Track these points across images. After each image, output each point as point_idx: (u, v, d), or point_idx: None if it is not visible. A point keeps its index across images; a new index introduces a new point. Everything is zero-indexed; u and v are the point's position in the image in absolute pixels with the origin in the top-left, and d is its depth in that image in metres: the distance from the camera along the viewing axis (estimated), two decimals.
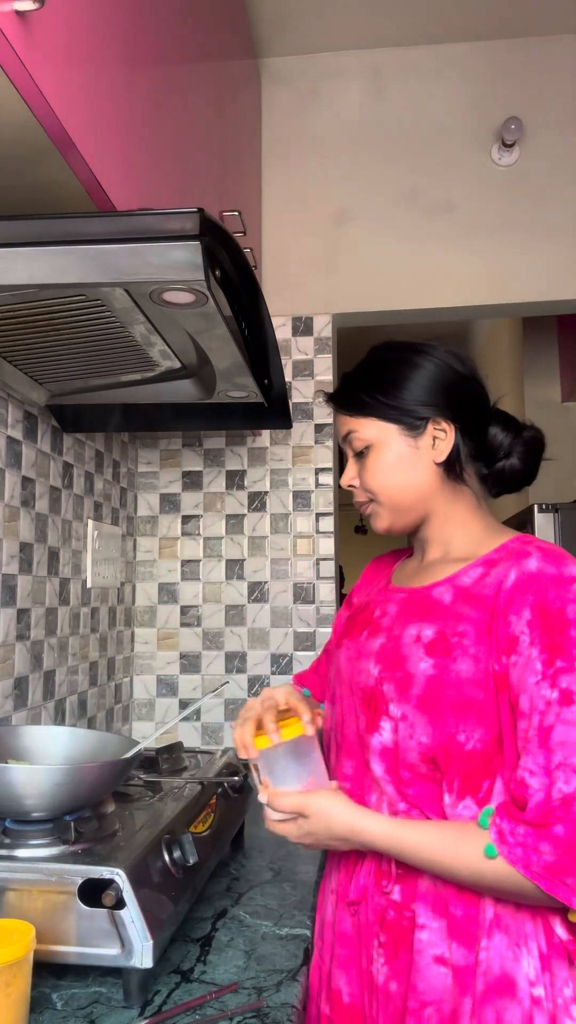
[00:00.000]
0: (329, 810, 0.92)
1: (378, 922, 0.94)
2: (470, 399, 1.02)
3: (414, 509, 1.02)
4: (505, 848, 0.81)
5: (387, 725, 0.93)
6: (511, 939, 0.86)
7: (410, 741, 0.91)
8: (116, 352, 1.16)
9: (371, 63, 2.16)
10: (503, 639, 0.87)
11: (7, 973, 0.76)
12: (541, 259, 2.05)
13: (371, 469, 1.02)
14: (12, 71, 0.73)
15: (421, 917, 0.89)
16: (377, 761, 0.94)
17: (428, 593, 0.99)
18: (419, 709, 0.90)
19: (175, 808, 1.12)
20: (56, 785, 0.94)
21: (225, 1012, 0.87)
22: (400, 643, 0.96)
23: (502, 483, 1.05)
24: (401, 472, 1.01)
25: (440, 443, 1.00)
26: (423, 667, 0.92)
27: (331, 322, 2.10)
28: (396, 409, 1.00)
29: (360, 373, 1.05)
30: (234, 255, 0.96)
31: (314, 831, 0.92)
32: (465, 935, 0.87)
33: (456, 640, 0.91)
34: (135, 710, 2.07)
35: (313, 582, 2.05)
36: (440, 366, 1.01)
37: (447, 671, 0.90)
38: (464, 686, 0.88)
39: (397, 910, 0.92)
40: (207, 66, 1.47)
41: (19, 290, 0.92)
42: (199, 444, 2.12)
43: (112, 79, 0.96)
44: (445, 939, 0.88)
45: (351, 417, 1.03)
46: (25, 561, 1.45)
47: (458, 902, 0.88)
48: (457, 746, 0.88)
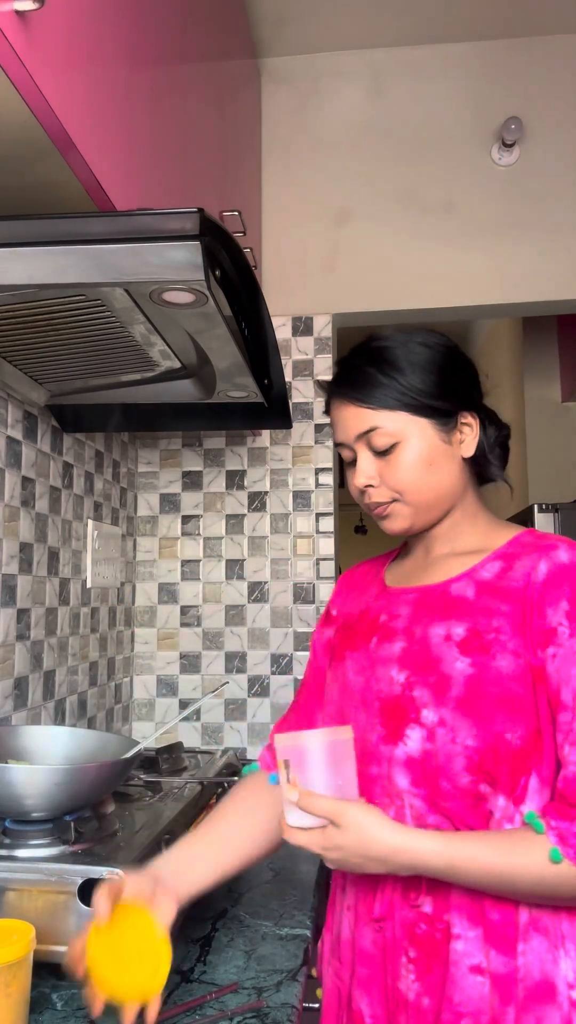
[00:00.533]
0: (367, 826, 0.82)
1: (407, 937, 0.88)
2: (480, 390, 1.00)
3: (440, 507, 0.97)
4: (570, 850, 0.78)
5: (416, 733, 0.87)
6: (550, 941, 0.83)
7: (453, 746, 0.85)
8: (116, 352, 1.16)
9: (371, 63, 2.16)
10: (539, 632, 0.85)
11: (7, 973, 0.76)
12: (541, 259, 2.05)
13: (401, 467, 0.94)
14: (12, 71, 0.73)
15: (456, 927, 0.85)
16: (402, 772, 0.88)
17: (445, 590, 0.94)
18: (460, 711, 0.85)
19: (175, 808, 1.12)
20: (56, 785, 0.94)
21: (225, 1012, 0.87)
22: (428, 644, 0.91)
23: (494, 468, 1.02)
24: (436, 470, 0.95)
25: (467, 437, 0.96)
26: (460, 667, 0.87)
27: (331, 322, 2.10)
28: (431, 401, 0.93)
29: (377, 359, 0.95)
30: (234, 255, 0.96)
31: (344, 845, 0.83)
32: (503, 940, 0.84)
33: (492, 636, 0.87)
34: (135, 710, 2.07)
35: (313, 582, 2.05)
36: (456, 353, 0.98)
37: (487, 669, 0.86)
38: (506, 682, 0.85)
39: (428, 923, 0.87)
40: (207, 66, 1.47)
41: (19, 290, 0.92)
42: (199, 444, 2.12)
43: (112, 79, 0.96)
44: (481, 947, 0.84)
45: (372, 410, 0.94)
46: (25, 561, 1.45)
47: (494, 907, 0.84)
48: (506, 745, 0.84)
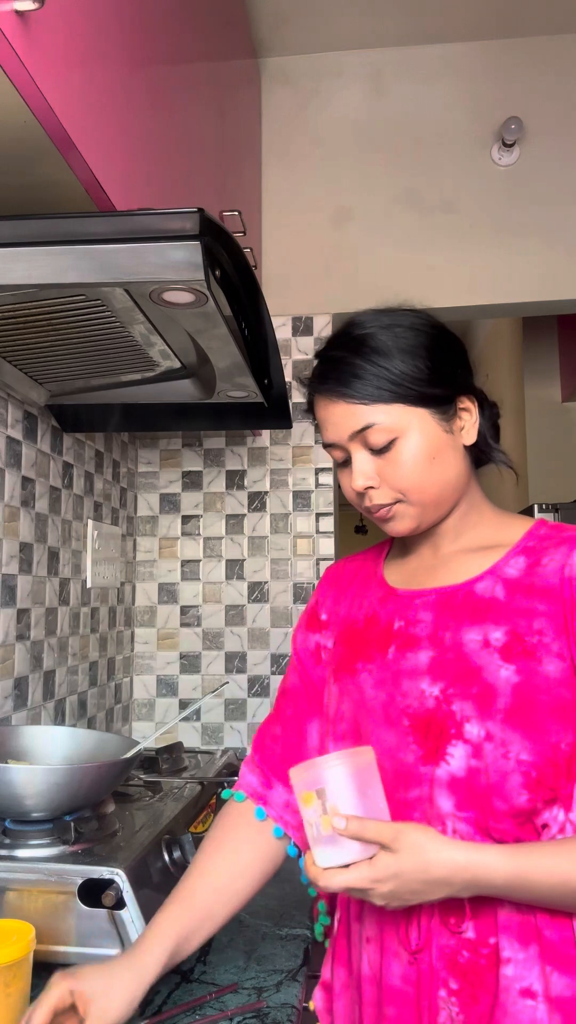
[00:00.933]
0: (427, 846, 0.74)
1: (447, 967, 0.80)
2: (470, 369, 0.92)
3: (448, 502, 0.89)
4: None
5: (459, 751, 0.80)
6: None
7: (505, 763, 0.78)
8: (116, 352, 1.16)
9: (371, 63, 2.16)
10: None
11: (7, 973, 0.76)
12: (541, 259, 2.05)
13: (402, 464, 0.86)
14: (12, 71, 0.73)
15: (506, 950, 0.78)
16: (445, 794, 0.80)
17: (470, 590, 0.87)
18: (510, 724, 0.78)
19: (175, 808, 1.12)
20: (56, 785, 0.94)
21: (225, 1012, 0.87)
22: (463, 652, 0.83)
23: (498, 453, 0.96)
24: (440, 463, 0.87)
25: (467, 423, 0.89)
26: (505, 675, 0.80)
27: (331, 322, 2.10)
28: (427, 389, 0.86)
29: (363, 349, 0.87)
30: (234, 255, 0.96)
31: (402, 871, 0.73)
32: (564, 960, 0.77)
33: (536, 640, 0.81)
34: (135, 710, 2.07)
35: (313, 582, 2.04)
36: (443, 333, 0.90)
37: (535, 675, 0.80)
38: (557, 688, 0.79)
39: (472, 949, 0.79)
40: (207, 66, 1.47)
41: (19, 290, 0.92)
42: (199, 444, 2.12)
43: (112, 79, 0.96)
44: (534, 967, 0.77)
45: (365, 405, 0.85)
46: (25, 561, 1.45)
47: (549, 924, 0.78)
48: (562, 755, 0.78)
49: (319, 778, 0.76)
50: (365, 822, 0.74)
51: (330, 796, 0.75)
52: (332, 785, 0.75)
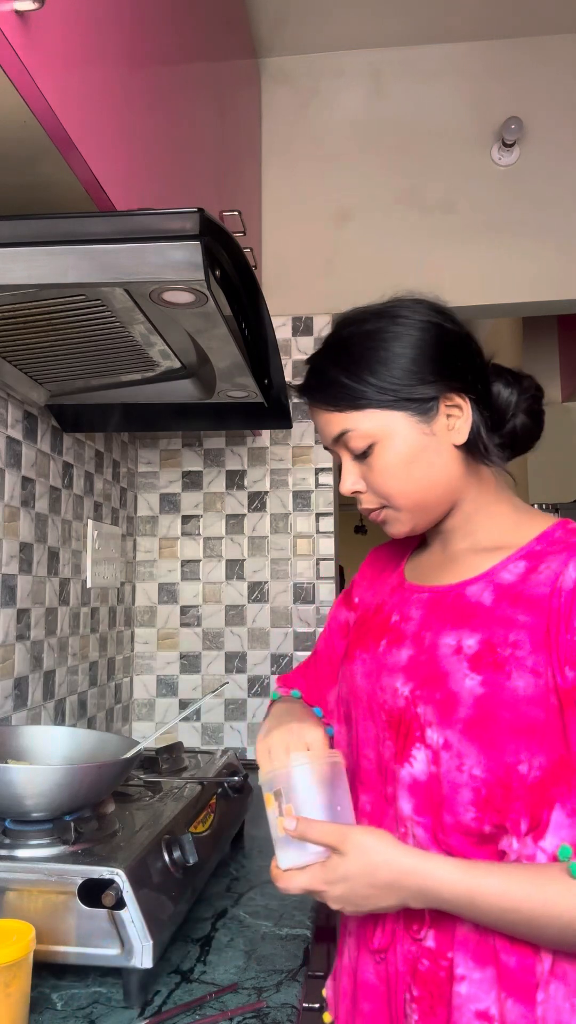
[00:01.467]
0: (374, 848, 0.74)
1: (409, 972, 0.79)
2: (472, 361, 0.87)
3: (440, 505, 0.87)
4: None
5: (421, 755, 0.79)
6: (569, 988, 0.73)
7: (459, 774, 0.76)
8: (116, 352, 1.16)
9: (371, 63, 2.16)
10: (567, 648, 0.74)
11: (7, 973, 0.76)
12: (541, 259, 2.05)
13: (382, 470, 0.84)
14: (12, 71, 0.73)
15: (460, 967, 0.75)
16: (406, 796, 0.79)
17: (461, 592, 0.84)
18: (467, 736, 0.76)
19: (175, 808, 1.12)
20: (56, 785, 0.94)
21: (225, 1012, 0.87)
22: (436, 655, 0.81)
23: (515, 446, 0.91)
24: (420, 466, 0.84)
25: (456, 421, 0.85)
26: (469, 685, 0.77)
27: (331, 322, 2.10)
28: (398, 393, 0.83)
29: (339, 355, 0.86)
30: (234, 255, 0.96)
31: (350, 875, 0.74)
32: (522, 988, 0.73)
33: (509, 652, 0.76)
34: (135, 710, 2.07)
35: (313, 582, 2.04)
36: (430, 328, 0.85)
37: (501, 689, 0.75)
38: (523, 706, 0.74)
39: (432, 959, 0.77)
40: (207, 66, 1.47)
41: (19, 290, 0.92)
42: (199, 444, 2.12)
43: (112, 79, 0.96)
44: (491, 991, 0.74)
45: (340, 412, 0.84)
46: (25, 561, 1.45)
47: (511, 950, 0.74)
48: (519, 778, 0.74)
49: (277, 780, 0.78)
50: (312, 824, 0.75)
51: (286, 799, 0.77)
52: (288, 788, 0.78)
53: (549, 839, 0.73)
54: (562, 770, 0.73)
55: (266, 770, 0.81)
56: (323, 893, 0.76)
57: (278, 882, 0.77)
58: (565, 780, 0.73)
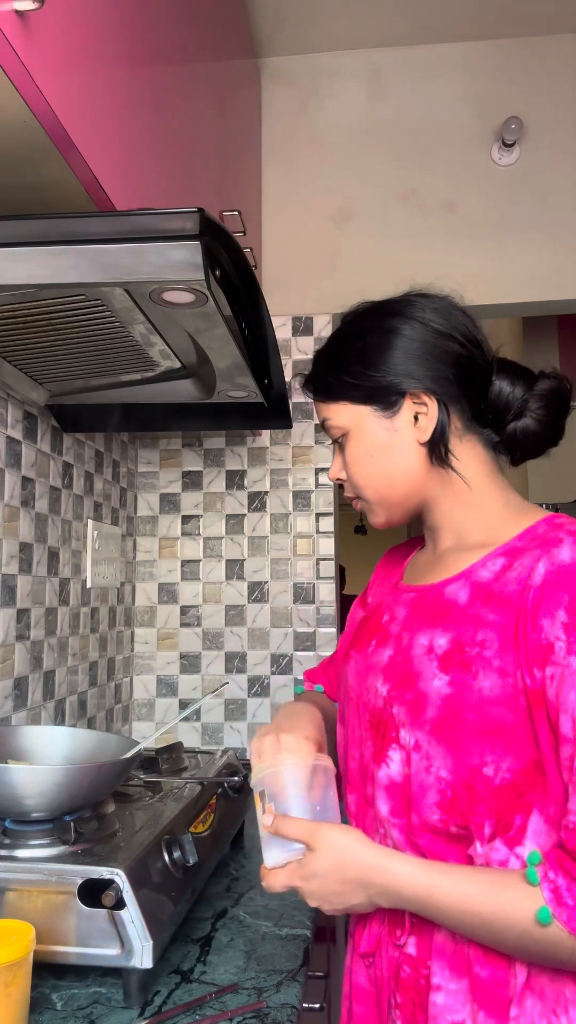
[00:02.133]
0: (343, 845, 0.75)
1: (393, 978, 0.79)
2: (455, 360, 0.85)
3: (407, 500, 0.87)
4: (564, 912, 0.66)
5: (396, 756, 0.79)
6: (546, 1005, 0.72)
7: (427, 776, 0.76)
8: (116, 352, 1.16)
9: (371, 63, 2.16)
10: (535, 648, 0.72)
11: (7, 973, 0.76)
12: (541, 259, 2.05)
13: (350, 461, 0.88)
14: (12, 71, 0.73)
15: (436, 977, 0.75)
16: (383, 798, 0.80)
17: (440, 592, 0.83)
18: (435, 736, 0.75)
19: (175, 808, 1.12)
20: (56, 785, 0.94)
21: (225, 1012, 0.87)
22: (411, 655, 0.81)
23: (517, 449, 0.88)
24: (381, 460, 0.86)
25: (423, 419, 0.84)
26: (437, 685, 0.76)
27: (331, 322, 2.10)
28: (365, 388, 0.85)
29: (327, 350, 0.91)
30: (234, 255, 0.96)
31: (320, 871, 0.75)
32: (494, 1002, 0.72)
33: (476, 651, 0.75)
34: (135, 710, 2.07)
35: (313, 582, 2.04)
36: (415, 327, 0.85)
37: (467, 689, 0.74)
38: (488, 707, 0.73)
39: (413, 966, 0.77)
40: (207, 66, 1.47)
41: (19, 290, 0.92)
42: (199, 444, 2.12)
43: (112, 79, 0.96)
44: (466, 1004, 0.73)
45: (323, 403, 0.90)
46: (25, 561, 1.45)
47: (484, 961, 0.73)
48: (484, 781, 0.73)
49: (263, 781, 0.81)
50: (286, 820, 0.78)
51: (269, 798, 0.80)
52: (272, 788, 0.80)
53: (528, 845, 0.72)
54: (536, 775, 0.72)
55: (255, 771, 0.83)
56: (300, 889, 0.78)
57: (263, 881, 0.80)
58: (541, 785, 0.72)
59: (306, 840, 0.77)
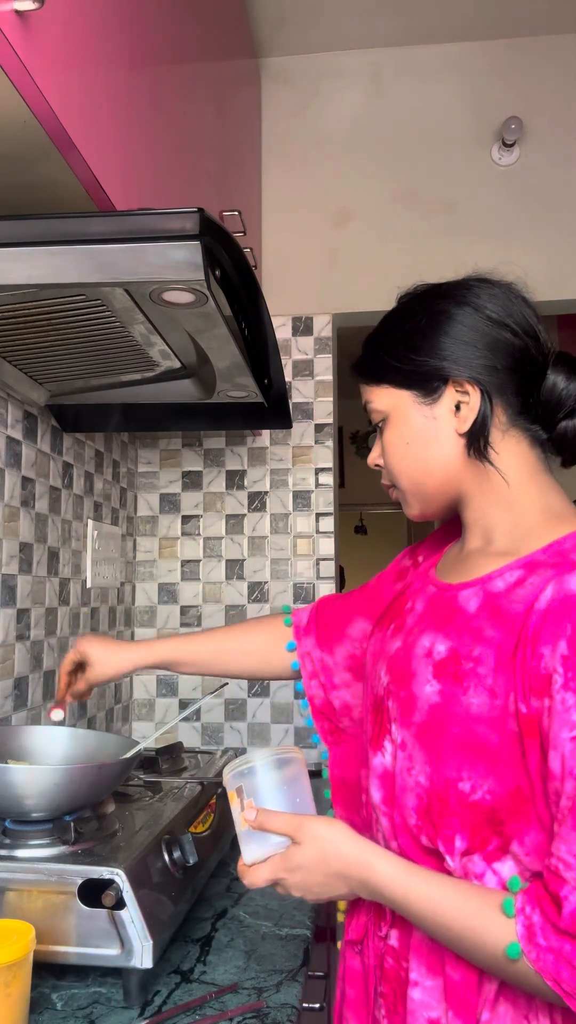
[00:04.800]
0: (327, 838, 0.76)
1: (378, 967, 0.80)
2: (505, 349, 0.80)
3: (442, 492, 0.84)
4: (534, 951, 0.64)
5: (389, 747, 0.79)
6: (519, 1012, 0.71)
7: (408, 777, 0.76)
8: (116, 352, 1.16)
9: (371, 63, 2.16)
10: (532, 675, 0.68)
11: (7, 973, 0.76)
12: (541, 259, 2.05)
13: (387, 447, 0.86)
14: (12, 71, 0.73)
15: (414, 972, 0.75)
16: (377, 785, 0.80)
17: (455, 595, 0.81)
18: (419, 740, 0.75)
19: (175, 808, 1.12)
20: (56, 785, 0.94)
21: (225, 1012, 0.87)
22: (412, 654, 0.80)
23: (567, 448, 0.82)
24: (417, 449, 0.83)
25: (464, 408, 0.80)
26: (428, 691, 0.76)
27: (331, 322, 2.10)
28: (408, 371, 0.82)
29: (377, 331, 0.88)
30: (234, 255, 0.96)
31: (304, 864, 0.76)
32: (463, 1004, 0.72)
33: (471, 666, 0.73)
34: (135, 710, 2.07)
35: (313, 582, 2.04)
36: (467, 312, 0.81)
37: (454, 702, 0.73)
38: (473, 724, 0.71)
39: (395, 958, 0.78)
40: (207, 66, 1.47)
41: (19, 290, 0.92)
42: (199, 444, 2.12)
43: (112, 79, 0.96)
44: (441, 1001, 0.73)
45: (366, 384, 0.87)
46: (25, 561, 1.45)
47: (456, 964, 0.73)
48: (458, 795, 0.72)
49: (238, 777, 0.82)
50: (270, 814, 0.78)
51: (247, 794, 0.81)
52: (248, 784, 0.81)
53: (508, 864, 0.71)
54: (520, 802, 0.70)
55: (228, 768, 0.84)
56: (284, 881, 0.78)
57: (244, 878, 0.80)
58: (525, 814, 0.70)
59: (291, 833, 0.77)
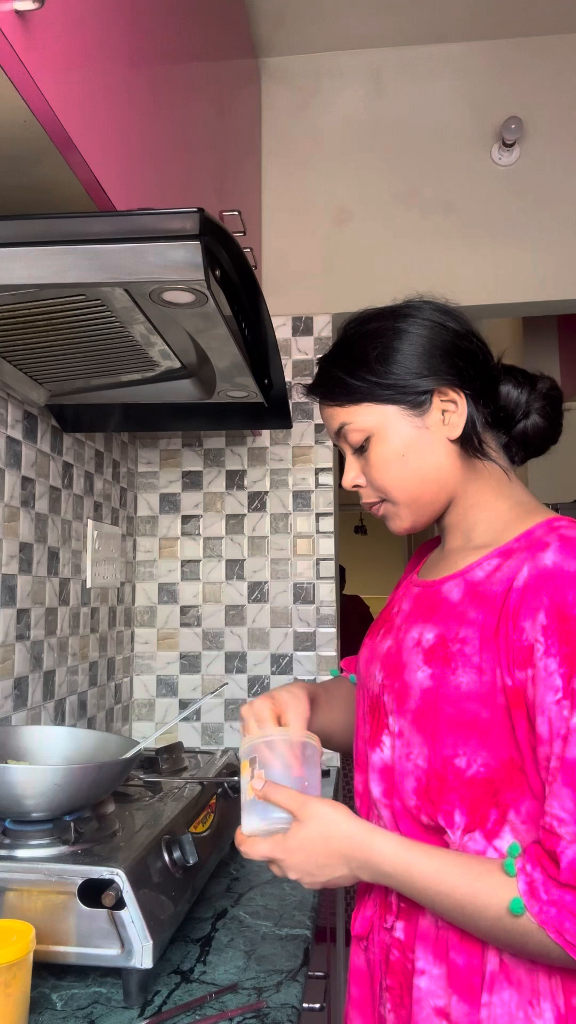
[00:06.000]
0: (331, 819, 0.77)
1: (384, 961, 0.82)
2: (473, 358, 0.87)
3: (437, 500, 0.87)
4: (536, 905, 0.68)
5: (387, 740, 0.83)
6: (522, 996, 0.73)
7: (406, 763, 0.80)
8: (116, 352, 1.16)
9: (371, 63, 2.16)
10: (515, 648, 0.74)
11: (7, 973, 0.76)
12: (541, 259, 2.05)
13: (377, 463, 0.86)
14: (12, 71, 0.73)
15: (420, 961, 0.78)
16: (376, 780, 0.84)
17: (439, 588, 0.86)
18: (415, 726, 0.79)
19: (175, 808, 1.12)
20: (56, 785, 0.94)
21: (225, 1012, 0.87)
22: (402, 647, 0.84)
23: (527, 447, 0.90)
24: (414, 459, 0.85)
25: (451, 416, 0.85)
26: (420, 677, 0.80)
27: (331, 322, 2.10)
28: (391, 386, 0.84)
29: (340, 354, 0.89)
30: (234, 255, 0.96)
31: (307, 843, 0.77)
32: (466, 988, 0.75)
33: (457, 648, 0.78)
34: (135, 710, 2.07)
35: (313, 582, 2.04)
36: (430, 327, 0.86)
37: (445, 683, 0.77)
38: (464, 702, 0.76)
39: (401, 950, 0.80)
40: (207, 66, 1.47)
41: (19, 290, 0.92)
42: (199, 444, 2.12)
43: (112, 78, 0.96)
44: (446, 988, 0.76)
45: (340, 407, 0.87)
46: (25, 561, 1.45)
47: (459, 947, 0.76)
48: (455, 771, 0.76)
49: (255, 749, 0.84)
50: (276, 787, 0.79)
51: (260, 765, 0.82)
52: (262, 756, 0.83)
53: (506, 838, 0.75)
54: (514, 772, 0.74)
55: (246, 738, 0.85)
56: (282, 862, 0.79)
57: (241, 847, 0.81)
58: (519, 783, 0.74)
59: (294, 809, 0.78)
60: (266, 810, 0.80)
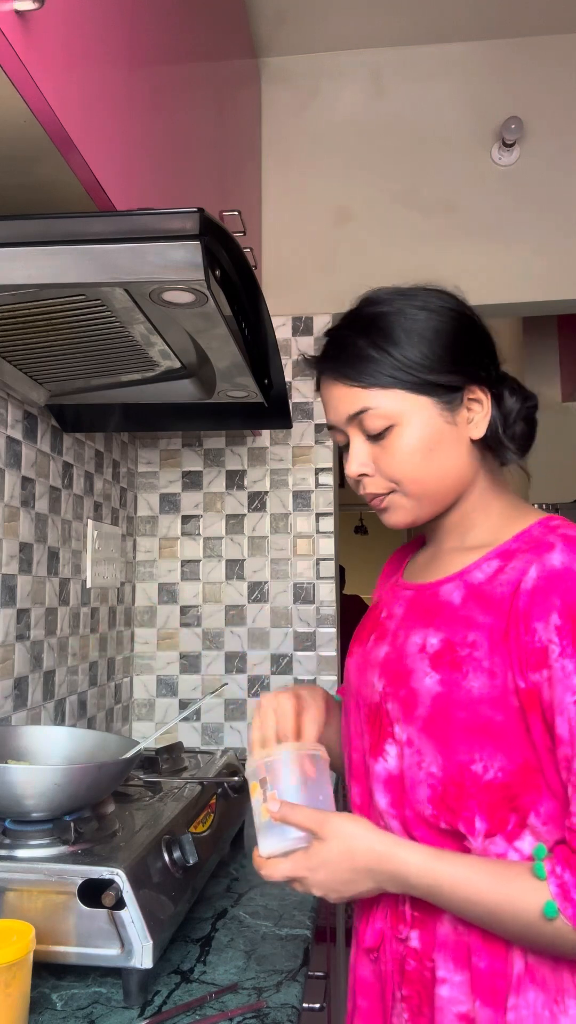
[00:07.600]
0: (353, 833, 0.77)
1: (398, 972, 0.80)
2: (495, 360, 0.86)
3: (445, 497, 0.85)
4: (569, 907, 0.68)
5: (392, 750, 0.81)
6: (548, 996, 0.73)
7: (418, 771, 0.78)
8: (116, 352, 1.16)
9: (371, 63, 2.16)
10: (528, 651, 0.73)
11: (7, 973, 0.76)
12: (541, 259, 2.05)
13: (399, 453, 0.81)
14: (12, 71, 0.73)
15: (441, 969, 0.76)
16: (381, 791, 0.81)
17: (436, 591, 0.84)
18: (426, 733, 0.77)
19: (175, 808, 1.12)
20: (56, 785, 0.94)
21: (225, 1012, 0.87)
22: (404, 653, 0.82)
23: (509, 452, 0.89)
24: (438, 455, 0.82)
25: (476, 415, 0.83)
26: (428, 683, 0.78)
27: (331, 322, 2.10)
28: (426, 376, 0.80)
29: (368, 328, 0.82)
30: (234, 255, 0.96)
31: (330, 860, 0.76)
32: (491, 992, 0.74)
33: (467, 652, 0.77)
34: (135, 710, 2.07)
35: (313, 582, 2.04)
36: (460, 317, 0.83)
37: (456, 688, 0.76)
38: (477, 706, 0.75)
39: (417, 959, 0.78)
40: (207, 66, 1.47)
41: (19, 290, 0.92)
42: (199, 444, 2.12)
43: (112, 79, 0.96)
44: (469, 994, 0.75)
45: (364, 389, 0.81)
46: (25, 561, 1.45)
47: (482, 952, 0.75)
48: (472, 777, 0.75)
49: (262, 768, 0.82)
50: (294, 808, 0.78)
51: (271, 786, 0.81)
52: (273, 776, 0.81)
53: (527, 840, 0.74)
54: (531, 776, 0.73)
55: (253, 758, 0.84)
56: (305, 880, 0.78)
57: (261, 870, 0.79)
58: (538, 786, 0.74)
59: (315, 829, 0.77)
60: (283, 830, 0.79)
